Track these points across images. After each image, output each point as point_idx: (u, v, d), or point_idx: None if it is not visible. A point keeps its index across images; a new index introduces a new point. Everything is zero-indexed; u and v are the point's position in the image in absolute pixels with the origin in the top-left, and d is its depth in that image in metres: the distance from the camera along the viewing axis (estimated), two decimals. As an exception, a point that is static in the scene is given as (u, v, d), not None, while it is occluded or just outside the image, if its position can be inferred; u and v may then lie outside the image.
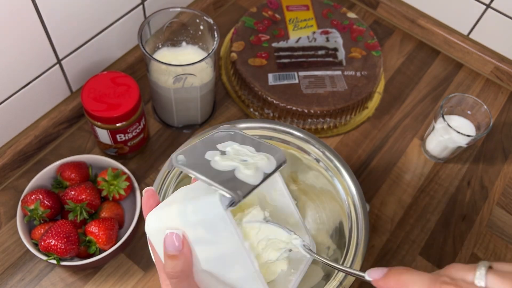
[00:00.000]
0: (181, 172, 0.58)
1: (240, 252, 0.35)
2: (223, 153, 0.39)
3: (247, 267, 0.36)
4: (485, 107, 0.71)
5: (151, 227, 0.39)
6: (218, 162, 0.37)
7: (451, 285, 0.29)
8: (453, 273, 0.31)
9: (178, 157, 0.37)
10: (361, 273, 0.35)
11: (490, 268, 0.30)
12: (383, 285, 0.33)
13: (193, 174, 0.35)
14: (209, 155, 0.38)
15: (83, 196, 0.60)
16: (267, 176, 0.38)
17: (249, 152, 0.40)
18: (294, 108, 0.74)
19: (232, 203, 0.34)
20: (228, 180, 0.36)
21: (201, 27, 0.67)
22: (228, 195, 0.34)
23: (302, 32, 0.83)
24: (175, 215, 0.37)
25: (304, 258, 0.43)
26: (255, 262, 0.36)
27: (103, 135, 0.65)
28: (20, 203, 0.61)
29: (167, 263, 0.36)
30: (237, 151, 0.39)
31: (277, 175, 0.43)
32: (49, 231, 0.57)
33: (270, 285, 0.41)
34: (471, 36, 0.88)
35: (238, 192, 0.34)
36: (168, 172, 0.57)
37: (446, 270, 0.31)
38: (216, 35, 0.64)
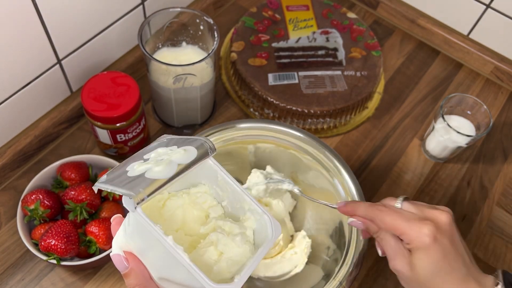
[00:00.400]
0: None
1: (170, 249, 0.35)
2: (145, 160, 0.39)
3: (182, 262, 0.35)
4: (485, 107, 0.71)
5: (113, 251, 0.40)
6: (135, 169, 0.37)
7: (381, 206, 0.45)
8: (384, 202, 0.47)
9: (102, 177, 0.38)
10: (333, 205, 0.51)
11: (407, 199, 0.46)
12: (344, 209, 0.49)
13: (101, 187, 0.36)
14: (130, 166, 0.38)
15: (83, 196, 0.60)
16: (185, 167, 0.38)
17: (169, 151, 0.40)
18: (294, 108, 0.74)
19: (142, 201, 0.34)
20: (135, 182, 0.36)
21: (201, 27, 0.68)
22: (128, 196, 0.34)
23: (302, 32, 0.83)
24: (122, 233, 0.39)
25: (264, 242, 0.41)
26: (184, 255, 0.35)
27: (103, 135, 0.65)
28: (20, 203, 0.61)
29: (125, 281, 0.38)
30: (159, 154, 0.39)
31: (211, 165, 0.42)
32: (49, 231, 0.57)
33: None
34: (471, 36, 0.88)
35: (139, 189, 0.34)
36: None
37: (381, 200, 0.47)
38: (216, 35, 0.64)
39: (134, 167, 0.38)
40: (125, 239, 0.38)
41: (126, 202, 0.35)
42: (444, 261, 0.41)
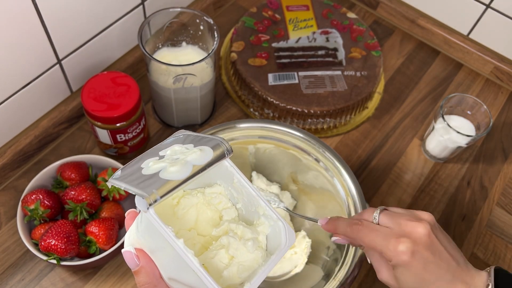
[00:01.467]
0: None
1: (180, 253, 0.34)
2: (161, 157, 0.38)
3: (192, 266, 0.34)
4: (485, 107, 0.71)
5: (126, 246, 0.39)
6: (150, 167, 0.37)
7: (358, 224, 0.44)
8: (362, 215, 0.46)
9: (116, 172, 0.37)
10: (315, 219, 0.50)
11: (385, 210, 0.45)
12: (326, 227, 0.48)
13: (115, 183, 0.36)
14: (145, 163, 0.38)
15: (83, 196, 0.60)
16: (201, 169, 0.37)
17: (185, 150, 0.39)
18: (294, 108, 0.74)
19: (154, 202, 0.34)
20: (149, 182, 0.35)
21: (201, 27, 0.68)
22: (141, 196, 0.34)
23: (302, 32, 0.83)
24: (134, 229, 0.38)
25: (277, 249, 0.41)
26: (194, 260, 0.34)
27: (103, 135, 0.65)
28: (20, 203, 0.61)
29: (135, 278, 0.38)
30: (175, 151, 0.39)
31: (228, 166, 0.41)
32: (49, 231, 0.57)
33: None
34: (471, 36, 0.88)
35: (153, 190, 0.34)
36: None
37: (358, 214, 0.47)
38: (216, 35, 0.64)
39: (149, 165, 0.37)
40: (137, 236, 0.38)
41: (138, 202, 0.34)
42: (426, 273, 0.41)
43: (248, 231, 0.40)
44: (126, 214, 0.41)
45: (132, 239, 0.39)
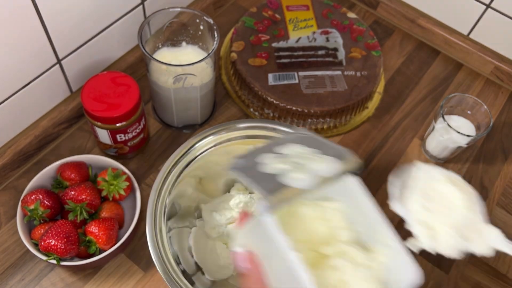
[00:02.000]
0: (181, 171, 0.58)
1: (293, 265, 0.32)
2: (278, 155, 0.36)
3: (302, 282, 0.31)
4: (485, 107, 0.71)
5: (238, 244, 0.37)
6: (269, 165, 0.34)
7: None
8: None
9: (236, 161, 0.35)
10: None
11: None
12: None
13: (240, 175, 0.34)
14: (261, 159, 0.35)
15: (83, 196, 0.60)
16: (327, 181, 0.34)
17: (309, 155, 0.36)
18: (294, 108, 0.74)
19: (275, 207, 0.32)
20: (272, 185, 0.33)
21: (201, 27, 0.67)
22: (266, 199, 0.32)
23: (302, 32, 0.83)
24: (247, 231, 0.36)
25: (394, 284, 0.36)
26: (306, 278, 0.31)
27: (103, 135, 0.65)
28: (20, 203, 0.61)
29: (242, 281, 0.36)
30: (297, 153, 0.36)
31: (355, 184, 0.37)
32: (49, 231, 0.57)
33: None
34: (471, 36, 0.88)
35: (276, 194, 0.32)
36: (168, 172, 0.57)
37: None
38: (216, 35, 0.64)
39: (268, 162, 0.35)
40: (251, 239, 0.36)
41: (260, 205, 0.32)
42: None
43: (365, 257, 0.37)
44: (239, 212, 0.39)
45: (244, 240, 0.36)
